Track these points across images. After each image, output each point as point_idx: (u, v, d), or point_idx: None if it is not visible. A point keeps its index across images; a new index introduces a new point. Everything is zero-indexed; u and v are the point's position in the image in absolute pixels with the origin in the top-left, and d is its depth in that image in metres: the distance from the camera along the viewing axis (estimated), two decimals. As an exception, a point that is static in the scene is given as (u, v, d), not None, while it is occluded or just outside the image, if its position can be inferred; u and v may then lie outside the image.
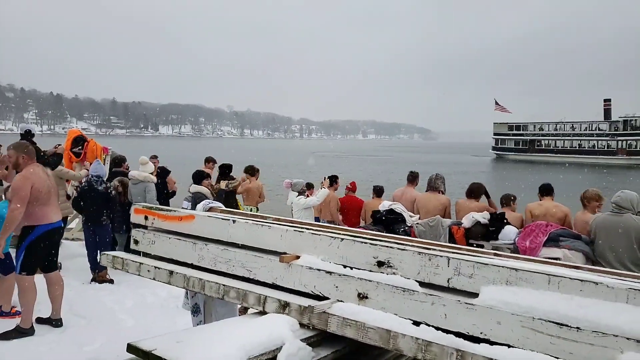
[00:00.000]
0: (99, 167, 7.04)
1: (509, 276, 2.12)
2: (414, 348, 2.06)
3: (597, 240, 4.62)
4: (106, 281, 6.64)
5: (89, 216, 6.89)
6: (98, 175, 6.90)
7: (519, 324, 1.99)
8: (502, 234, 5.33)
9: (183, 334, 2.21)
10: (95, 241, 6.84)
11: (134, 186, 7.39)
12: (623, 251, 4.43)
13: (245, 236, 2.93)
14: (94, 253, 6.79)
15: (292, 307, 2.47)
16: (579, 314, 1.87)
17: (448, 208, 6.51)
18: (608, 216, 4.63)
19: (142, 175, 7.43)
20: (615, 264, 4.40)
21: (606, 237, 4.53)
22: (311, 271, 2.59)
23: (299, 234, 2.77)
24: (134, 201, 6.97)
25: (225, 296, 2.74)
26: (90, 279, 6.66)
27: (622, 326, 1.79)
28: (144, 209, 3.47)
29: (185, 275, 2.94)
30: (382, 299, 2.36)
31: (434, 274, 2.33)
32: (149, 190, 7.38)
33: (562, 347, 1.89)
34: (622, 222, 4.48)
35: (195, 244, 3.10)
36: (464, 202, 6.30)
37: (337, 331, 2.30)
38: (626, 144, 62.31)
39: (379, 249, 2.52)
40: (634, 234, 4.40)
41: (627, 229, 4.43)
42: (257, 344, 2.11)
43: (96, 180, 6.83)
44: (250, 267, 2.83)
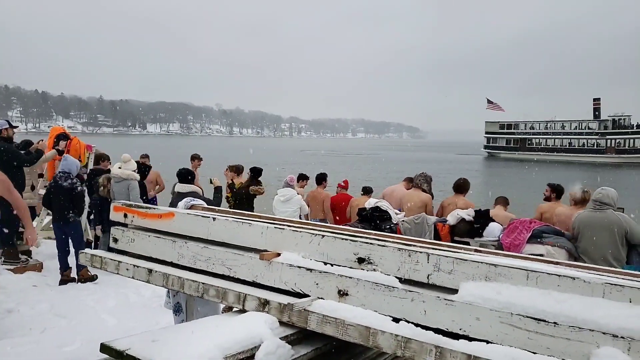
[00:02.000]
0: (65, 163, 6.84)
1: (488, 272, 2.11)
2: (393, 345, 2.04)
3: (580, 237, 4.66)
4: (88, 279, 6.54)
5: (55, 214, 6.77)
6: (64, 171, 6.72)
7: (497, 320, 1.99)
8: (486, 231, 5.36)
9: (159, 333, 2.18)
10: (64, 239, 6.69)
11: (117, 184, 7.25)
12: (606, 247, 4.49)
13: (225, 234, 2.90)
14: (64, 254, 6.65)
15: (272, 305, 2.43)
16: (556, 309, 1.87)
17: (429, 205, 6.60)
18: (590, 213, 4.68)
19: (125, 173, 7.32)
20: (597, 260, 4.45)
21: (589, 234, 4.58)
22: (292, 268, 2.57)
23: (279, 231, 2.74)
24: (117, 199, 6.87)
25: (205, 294, 2.70)
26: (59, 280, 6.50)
27: (598, 320, 1.79)
28: (123, 206, 3.42)
29: (164, 273, 2.90)
30: (363, 296, 2.34)
31: (413, 270, 2.32)
32: (132, 187, 7.27)
33: (540, 343, 1.89)
34: (605, 218, 4.53)
35: (175, 241, 3.06)
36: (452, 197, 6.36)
37: (317, 329, 2.28)
38: (615, 142, 63.36)
39: (359, 245, 2.51)
40: (616, 230, 4.45)
41: (610, 224, 4.48)
42: (235, 342, 2.08)
43: (61, 176, 6.67)
44: (230, 265, 2.80)
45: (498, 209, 6.26)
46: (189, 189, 6.33)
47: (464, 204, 6.16)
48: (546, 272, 2.00)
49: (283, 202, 7.81)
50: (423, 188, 6.85)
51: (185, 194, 6.41)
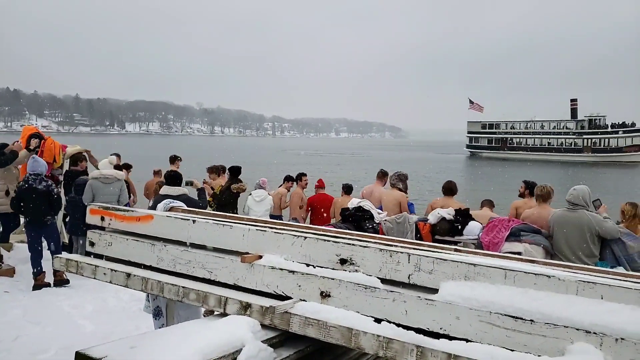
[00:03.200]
0: (36, 164, 6.64)
1: (467, 271, 2.14)
2: (375, 345, 2.05)
3: (555, 235, 4.77)
4: (62, 280, 6.40)
5: (30, 217, 6.54)
6: (36, 173, 6.54)
7: (476, 319, 2.02)
8: (466, 230, 5.41)
9: (138, 339, 2.15)
10: (38, 242, 6.53)
11: (108, 186, 7.03)
12: (578, 245, 4.62)
13: (205, 236, 2.87)
14: (38, 257, 6.48)
15: (253, 308, 2.42)
16: (533, 306, 1.91)
17: (403, 203, 6.71)
18: (564, 212, 4.79)
19: (119, 174, 7.20)
20: (571, 258, 4.57)
21: (562, 232, 4.70)
22: (273, 271, 2.56)
23: (261, 233, 2.73)
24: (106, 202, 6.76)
25: (185, 298, 2.67)
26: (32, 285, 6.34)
27: (572, 317, 1.83)
28: (100, 209, 3.36)
29: (143, 277, 2.86)
30: (345, 297, 2.35)
31: (395, 271, 2.33)
32: (124, 189, 7.17)
33: (517, 340, 1.92)
34: (576, 218, 4.65)
35: (154, 245, 3.02)
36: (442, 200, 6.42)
37: (299, 331, 2.28)
38: (591, 142, 64.98)
39: (341, 246, 2.51)
40: (586, 229, 4.57)
41: (581, 224, 4.61)
42: (216, 346, 2.06)
43: (34, 178, 6.48)
44: (211, 268, 2.77)
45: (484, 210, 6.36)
46: (179, 192, 6.22)
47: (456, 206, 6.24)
48: (523, 271, 2.04)
49: (258, 202, 8.26)
50: (398, 187, 6.95)
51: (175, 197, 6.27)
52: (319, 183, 8.80)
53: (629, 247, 4.61)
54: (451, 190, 6.54)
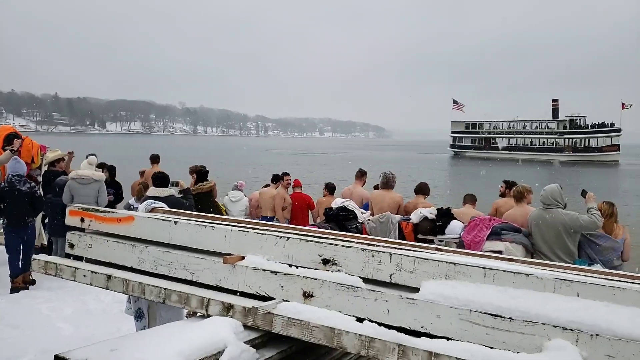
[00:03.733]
0: (18, 166, 6.55)
1: (448, 270, 2.17)
2: (357, 345, 2.07)
3: (533, 234, 4.86)
4: (29, 282, 6.30)
5: (11, 219, 6.44)
6: (19, 174, 6.46)
7: (457, 317, 2.04)
8: (448, 229, 5.49)
9: (118, 342, 2.12)
10: (18, 244, 6.43)
11: (85, 186, 6.94)
12: (554, 243, 4.71)
13: (187, 237, 2.86)
14: (17, 259, 6.38)
15: (236, 309, 2.42)
16: (512, 304, 1.94)
17: (402, 205, 6.62)
18: (540, 212, 4.88)
19: (97, 175, 7.10)
20: (549, 255, 4.67)
21: (539, 231, 4.79)
22: (256, 272, 2.56)
23: (243, 234, 2.72)
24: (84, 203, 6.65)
25: (167, 300, 2.66)
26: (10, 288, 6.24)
27: (549, 314, 1.87)
28: (80, 210, 3.32)
29: (124, 279, 2.83)
30: (327, 297, 2.36)
31: (377, 270, 2.35)
32: (102, 190, 7.06)
33: (496, 338, 1.96)
34: (550, 217, 4.74)
35: (135, 246, 3.00)
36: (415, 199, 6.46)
37: (282, 331, 2.28)
38: (572, 141, 66.18)
39: (324, 246, 2.52)
40: (562, 228, 4.67)
41: (555, 223, 4.70)
42: (198, 348, 2.05)
43: (18, 180, 6.40)
44: (193, 270, 2.76)
45: (467, 207, 6.42)
46: (167, 193, 6.13)
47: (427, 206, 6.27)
48: (502, 269, 2.08)
49: (233, 202, 8.72)
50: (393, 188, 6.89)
51: (164, 198, 6.18)
52: (296, 183, 8.82)
53: (604, 249, 4.71)
54: (421, 189, 6.55)
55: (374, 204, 6.68)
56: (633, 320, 1.82)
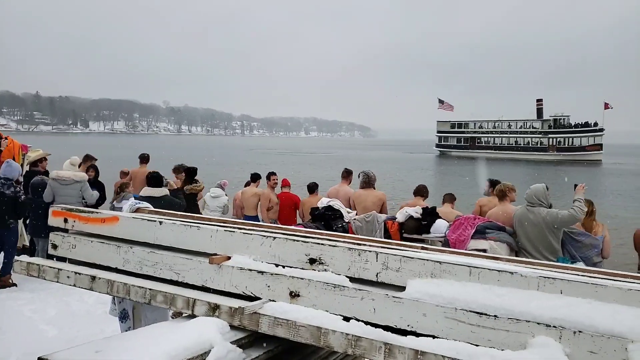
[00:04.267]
0: (10, 169, 6.50)
1: (434, 269, 2.18)
2: (344, 344, 2.08)
3: (517, 232, 4.93)
4: (7, 285, 6.21)
5: None
6: (7, 177, 6.41)
7: (442, 315, 2.06)
8: (433, 228, 5.52)
9: (103, 343, 2.10)
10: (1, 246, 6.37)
11: (66, 187, 6.89)
12: (538, 241, 4.78)
13: (172, 238, 2.84)
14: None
15: (222, 309, 2.41)
16: (497, 302, 1.97)
17: (385, 202, 6.69)
18: (524, 210, 4.94)
19: (78, 175, 7.02)
20: (534, 253, 4.74)
21: (523, 229, 4.86)
22: (242, 272, 2.55)
23: (229, 234, 2.71)
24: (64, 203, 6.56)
25: (152, 301, 2.63)
26: None
27: (533, 312, 1.90)
28: (63, 211, 3.27)
29: (109, 280, 2.80)
30: (314, 296, 2.36)
31: (363, 269, 2.36)
32: (85, 189, 6.98)
33: (482, 335, 1.98)
34: (534, 216, 4.81)
35: (120, 247, 2.97)
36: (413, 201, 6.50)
37: (269, 331, 2.28)
38: (556, 141, 67.15)
39: (310, 246, 2.53)
40: (544, 226, 4.74)
41: (538, 221, 4.77)
42: (184, 348, 2.04)
43: (3, 183, 6.35)
44: (178, 270, 2.74)
45: (445, 206, 6.48)
46: (162, 193, 6.09)
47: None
48: (487, 268, 2.10)
49: (213, 198, 8.87)
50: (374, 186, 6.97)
51: (159, 198, 6.15)
52: (284, 182, 8.78)
53: (584, 246, 4.80)
54: (420, 191, 6.64)
55: (357, 204, 6.74)
56: (614, 317, 1.85)
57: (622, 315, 1.86)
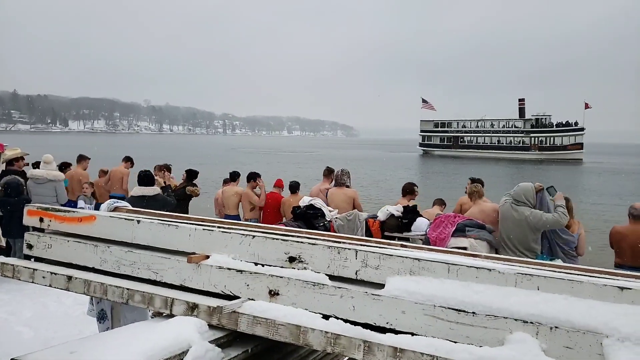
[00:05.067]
0: None
1: (412, 266, 2.19)
2: (323, 342, 2.07)
3: (500, 229, 4.99)
4: None
5: None
6: None
7: (421, 312, 2.07)
8: (414, 226, 5.56)
9: (78, 344, 2.05)
10: None
11: (40, 186, 6.81)
12: (518, 240, 4.86)
13: (150, 237, 2.79)
14: None
15: (200, 308, 2.38)
16: (475, 299, 1.98)
17: (356, 200, 6.78)
18: (509, 206, 4.99)
19: (51, 174, 6.91)
20: (514, 251, 4.79)
21: (505, 227, 4.92)
22: (221, 270, 2.52)
23: (208, 232, 2.68)
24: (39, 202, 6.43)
25: (130, 300, 2.59)
26: None
27: (510, 308, 1.91)
28: (38, 210, 3.20)
29: (85, 280, 2.75)
30: (293, 295, 2.35)
31: (342, 267, 2.36)
32: (59, 187, 6.88)
33: (460, 332, 1.99)
34: (517, 215, 4.87)
35: (97, 246, 2.91)
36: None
37: (247, 330, 2.26)
38: (538, 140, 68.15)
39: (290, 244, 2.51)
40: (526, 225, 4.83)
41: (520, 220, 4.84)
42: (161, 348, 2.01)
43: None
44: (156, 269, 2.70)
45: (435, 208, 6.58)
46: (155, 191, 5.99)
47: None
48: (465, 265, 2.11)
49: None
50: (347, 184, 7.05)
51: (150, 196, 6.05)
52: (277, 183, 8.63)
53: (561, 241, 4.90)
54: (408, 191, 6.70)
55: (330, 202, 6.82)
56: (589, 312, 1.88)
57: (597, 311, 1.88)
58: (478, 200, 5.58)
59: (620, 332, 1.77)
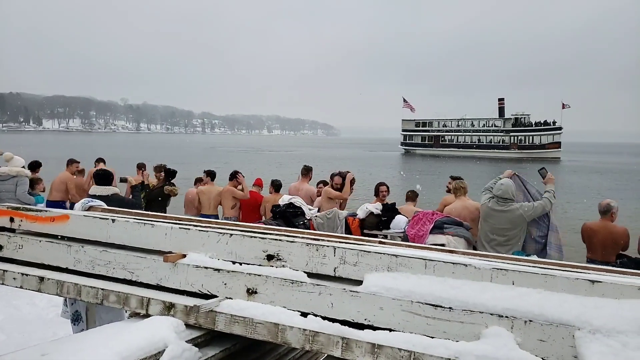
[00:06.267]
0: None
1: (390, 262, 2.20)
2: (301, 339, 2.07)
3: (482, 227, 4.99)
4: None
5: None
6: None
7: (399, 308, 2.08)
8: (393, 223, 5.61)
9: (50, 346, 2.01)
10: None
11: (3, 183, 6.68)
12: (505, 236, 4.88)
13: (126, 236, 2.75)
14: None
15: (177, 307, 2.35)
16: (451, 294, 2.00)
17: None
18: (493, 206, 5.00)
19: (14, 170, 6.78)
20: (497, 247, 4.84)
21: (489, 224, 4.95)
22: (198, 269, 2.50)
23: (184, 231, 2.65)
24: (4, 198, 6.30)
25: (105, 301, 2.55)
26: None
27: (486, 303, 1.94)
28: (9, 209, 3.11)
29: (58, 281, 2.69)
30: (271, 293, 2.34)
31: (321, 264, 2.35)
32: (21, 183, 6.75)
33: (437, 327, 2.01)
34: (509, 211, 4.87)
35: (71, 246, 2.85)
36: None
37: (225, 329, 2.24)
38: (517, 139, 69.34)
39: (268, 242, 2.50)
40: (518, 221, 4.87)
41: (514, 217, 4.87)
42: (136, 348, 1.97)
43: None
44: (132, 269, 2.66)
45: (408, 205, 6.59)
46: (111, 191, 5.82)
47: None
48: (442, 260, 2.13)
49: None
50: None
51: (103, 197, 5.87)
52: (256, 182, 8.60)
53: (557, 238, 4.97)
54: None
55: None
56: (562, 306, 1.92)
57: (570, 304, 1.92)
58: (462, 196, 5.63)
59: (591, 325, 1.81)
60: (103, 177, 5.60)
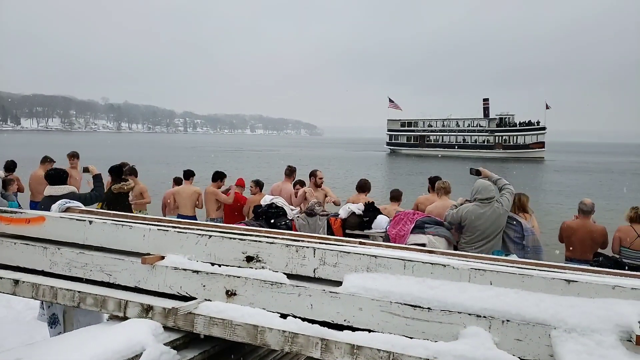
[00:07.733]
0: None
1: (369, 263, 2.21)
2: (281, 341, 2.06)
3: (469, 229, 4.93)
4: None
5: None
6: None
7: (378, 309, 2.09)
8: (375, 223, 5.60)
9: (25, 350, 1.97)
10: None
11: None
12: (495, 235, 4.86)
13: (103, 238, 2.71)
14: None
15: (155, 310, 2.33)
16: (430, 295, 2.01)
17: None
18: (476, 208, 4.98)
19: None
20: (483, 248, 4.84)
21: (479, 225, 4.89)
22: (177, 271, 2.47)
23: (163, 233, 2.62)
24: None
25: (82, 304, 2.50)
26: None
27: (464, 303, 1.96)
28: (-18, 212, 3.04)
29: (33, 283, 2.64)
30: (251, 294, 2.32)
31: (301, 265, 2.35)
32: None
33: (416, 328, 2.02)
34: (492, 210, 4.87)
35: (47, 248, 2.80)
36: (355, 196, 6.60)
37: (204, 331, 2.22)
38: (501, 139, 70.09)
39: (247, 243, 2.48)
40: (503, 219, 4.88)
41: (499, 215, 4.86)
42: (113, 352, 1.95)
43: None
44: (110, 271, 2.62)
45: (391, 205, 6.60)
46: (66, 190, 5.64)
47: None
48: (421, 261, 2.15)
49: None
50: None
51: (60, 196, 5.66)
52: (238, 182, 8.52)
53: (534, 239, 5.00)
54: (361, 187, 6.75)
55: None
56: (539, 305, 1.95)
57: (546, 304, 1.95)
58: (444, 196, 5.65)
59: (567, 324, 1.84)
60: (54, 177, 5.34)
